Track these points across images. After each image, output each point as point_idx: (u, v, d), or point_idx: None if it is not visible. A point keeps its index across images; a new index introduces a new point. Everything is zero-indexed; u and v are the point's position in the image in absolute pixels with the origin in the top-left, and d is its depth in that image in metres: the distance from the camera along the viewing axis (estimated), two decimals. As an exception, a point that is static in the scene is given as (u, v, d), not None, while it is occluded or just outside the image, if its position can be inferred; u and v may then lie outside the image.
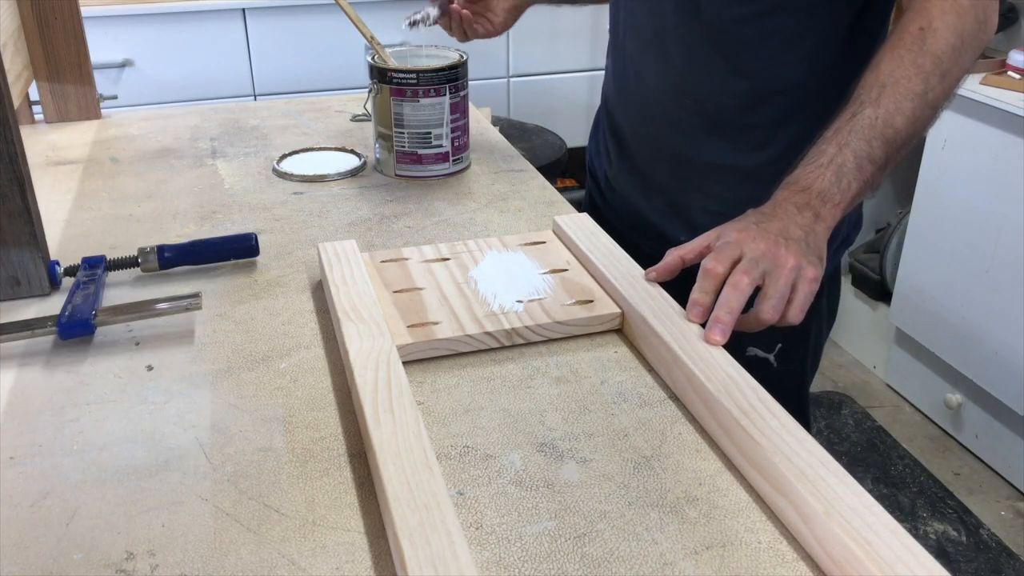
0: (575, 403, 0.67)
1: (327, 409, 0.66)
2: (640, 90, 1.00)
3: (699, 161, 0.96)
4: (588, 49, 2.65)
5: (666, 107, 0.97)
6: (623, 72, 1.03)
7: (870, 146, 0.75)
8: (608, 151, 1.09)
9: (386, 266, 0.82)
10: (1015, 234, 1.80)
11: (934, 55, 0.76)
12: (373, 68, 1.06)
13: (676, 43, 0.93)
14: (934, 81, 0.76)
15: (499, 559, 0.52)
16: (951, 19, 0.77)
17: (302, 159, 1.16)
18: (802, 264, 0.70)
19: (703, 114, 0.94)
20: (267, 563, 0.52)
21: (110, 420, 0.65)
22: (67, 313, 0.73)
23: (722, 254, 0.71)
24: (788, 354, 0.98)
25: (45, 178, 1.09)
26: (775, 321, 0.69)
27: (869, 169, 0.75)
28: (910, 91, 0.76)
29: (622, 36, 1.02)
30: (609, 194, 1.09)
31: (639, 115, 1.01)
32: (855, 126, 0.75)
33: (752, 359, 0.96)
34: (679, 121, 0.96)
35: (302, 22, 2.34)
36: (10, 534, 0.54)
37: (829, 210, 0.74)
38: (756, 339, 0.95)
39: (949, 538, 1.81)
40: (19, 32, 1.19)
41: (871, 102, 0.76)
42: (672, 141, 0.98)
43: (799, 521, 0.53)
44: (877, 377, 2.35)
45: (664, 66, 0.96)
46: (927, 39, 0.77)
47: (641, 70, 0.99)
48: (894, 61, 0.77)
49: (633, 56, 0.99)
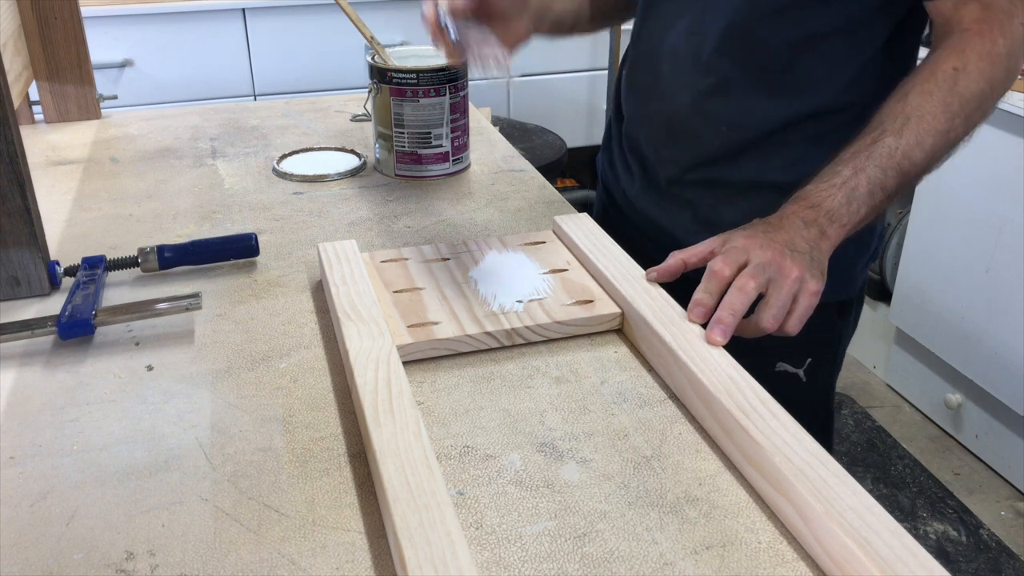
0: (575, 403, 0.67)
1: (327, 409, 0.66)
2: (669, 112, 0.95)
3: (731, 180, 0.92)
4: (588, 49, 2.65)
5: (699, 131, 0.92)
6: (649, 92, 0.97)
7: (885, 175, 0.75)
8: (627, 168, 1.05)
9: (386, 266, 0.82)
10: (1015, 234, 1.80)
11: (963, 97, 0.77)
12: (373, 68, 1.06)
13: (715, 68, 0.89)
14: (958, 122, 0.77)
15: (499, 559, 0.52)
16: (985, 65, 0.77)
17: (302, 159, 1.16)
18: (805, 277, 0.70)
19: (738, 138, 0.91)
20: (267, 563, 0.52)
21: (110, 420, 0.65)
22: (67, 313, 0.73)
23: (730, 258, 0.71)
24: (816, 368, 0.97)
25: (45, 178, 1.09)
26: (773, 330, 0.70)
27: (879, 196, 0.76)
28: (934, 128, 0.76)
29: (650, 56, 0.96)
30: (629, 210, 1.04)
31: (667, 137, 0.96)
32: (874, 152, 0.76)
33: (781, 374, 0.96)
34: (712, 144, 0.92)
35: (302, 22, 2.34)
36: (10, 534, 0.54)
37: (835, 230, 0.74)
38: (785, 354, 0.95)
39: (949, 538, 1.81)
40: (19, 32, 1.19)
41: (893, 131, 0.76)
42: (704, 163, 0.94)
43: (799, 521, 0.53)
44: (877, 377, 2.35)
45: (699, 90, 0.91)
46: (959, 80, 0.77)
47: (672, 92, 0.94)
48: (923, 95, 0.77)
49: (665, 77, 0.94)
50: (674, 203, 0.98)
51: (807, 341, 0.97)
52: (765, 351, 0.68)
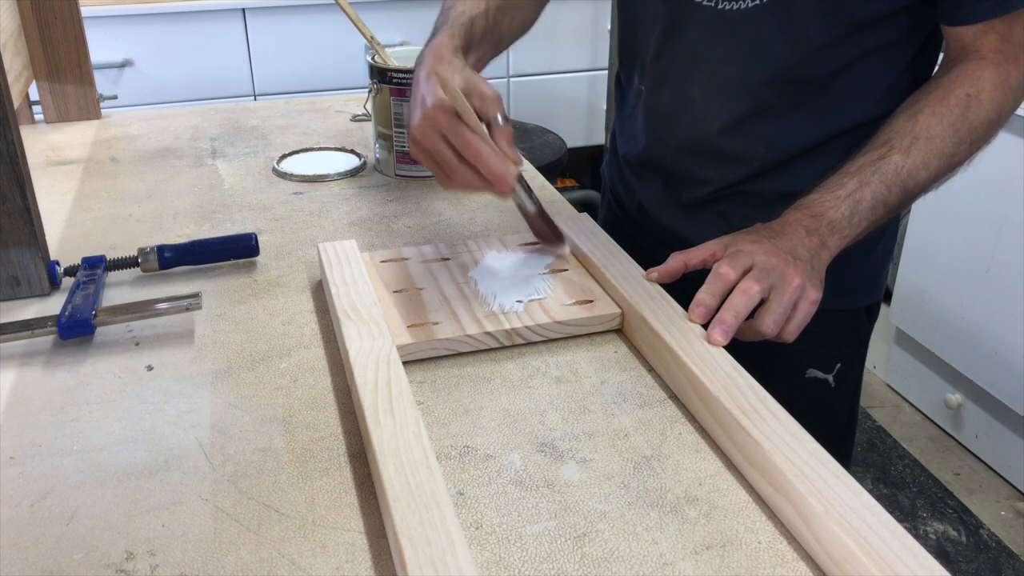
0: (575, 403, 0.67)
1: (327, 409, 0.66)
2: (701, 135, 0.92)
3: (764, 191, 0.91)
4: (588, 49, 2.65)
5: (735, 153, 0.90)
6: (677, 116, 0.94)
7: (889, 191, 0.76)
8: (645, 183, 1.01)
9: (386, 266, 0.82)
10: (1015, 234, 1.80)
11: (972, 125, 0.78)
12: (373, 68, 1.06)
13: (754, 96, 0.87)
14: (963, 147, 0.78)
15: (499, 559, 0.52)
16: (997, 95, 0.78)
17: (302, 159, 1.16)
18: (806, 285, 0.71)
19: (774, 157, 0.90)
20: (267, 563, 0.52)
21: (110, 420, 0.65)
22: (67, 313, 0.73)
23: (736, 261, 0.71)
24: (845, 374, 0.97)
25: (45, 178, 1.09)
26: (772, 335, 0.70)
27: (881, 211, 0.76)
28: (940, 151, 0.77)
29: (679, 82, 0.92)
30: (645, 222, 1.02)
31: (699, 158, 0.93)
32: (879, 169, 0.76)
33: (811, 380, 0.96)
34: (750, 165, 0.91)
35: (302, 22, 2.34)
36: (10, 534, 0.54)
37: (836, 241, 0.75)
38: (816, 361, 0.96)
39: (949, 538, 1.81)
40: (19, 32, 1.19)
41: (901, 150, 0.77)
42: (735, 182, 0.92)
43: (799, 521, 0.53)
44: (877, 377, 2.35)
45: (736, 116, 0.88)
46: (971, 107, 0.78)
47: (707, 117, 0.90)
48: (933, 117, 0.78)
49: (697, 102, 0.91)
50: (704, 216, 0.95)
51: (838, 346, 0.97)
52: (797, 357, 0.68)
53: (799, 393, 0.64)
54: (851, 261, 0.83)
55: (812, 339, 0.74)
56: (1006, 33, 0.78)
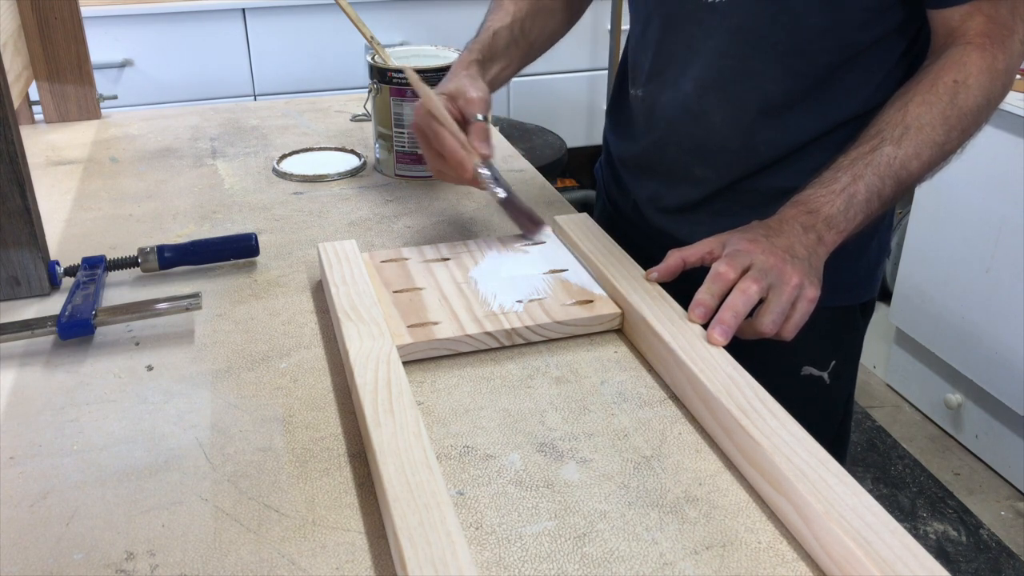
0: (575, 403, 0.67)
1: (327, 409, 0.66)
2: (702, 134, 0.93)
3: (759, 188, 0.92)
4: (588, 49, 2.65)
5: (735, 150, 0.91)
6: (677, 115, 0.94)
7: (882, 183, 0.76)
8: (640, 183, 1.02)
9: (386, 266, 0.82)
10: (1015, 234, 1.80)
11: (961, 111, 0.77)
12: (373, 68, 1.06)
13: (757, 91, 0.87)
14: (955, 135, 0.78)
15: (499, 559, 0.52)
16: (985, 80, 0.78)
17: (302, 159, 1.16)
18: (804, 283, 0.71)
19: (772, 153, 0.90)
20: (267, 563, 0.52)
21: (110, 420, 0.65)
22: (67, 313, 0.73)
23: (734, 261, 0.71)
24: (840, 371, 0.97)
25: (45, 178, 1.09)
26: (771, 334, 0.70)
27: (875, 204, 0.76)
28: (932, 140, 0.77)
29: (676, 80, 0.92)
30: (640, 222, 1.02)
31: (698, 157, 0.94)
32: (872, 161, 0.76)
33: (806, 377, 0.96)
34: (749, 162, 0.91)
35: (302, 22, 2.34)
36: (10, 534, 0.54)
37: (832, 236, 0.75)
38: (811, 358, 0.96)
39: (949, 538, 1.81)
40: (19, 32, 1.19)
41: (892, 141, 0.77)
42: (737, 177, 0.92)
43: (799, 521, 0.53)
44: (877, 377, 2.35)
45: (737, 112, 0.89)
46: (959, 93, 0.78)
47: (706, 114, 0.91)
48: (923, 106, 0.78)
49: (695, 99, 0.91)
50: (700, 215, 0.96)
51: (833, 343, 0.97)
52: (792, 354, 0.67)
53: (794, 390, 0.64)
54: (846, 258, 0.83)
55: (807, 336, 0.74)
56: (992, 14, 0.78)
